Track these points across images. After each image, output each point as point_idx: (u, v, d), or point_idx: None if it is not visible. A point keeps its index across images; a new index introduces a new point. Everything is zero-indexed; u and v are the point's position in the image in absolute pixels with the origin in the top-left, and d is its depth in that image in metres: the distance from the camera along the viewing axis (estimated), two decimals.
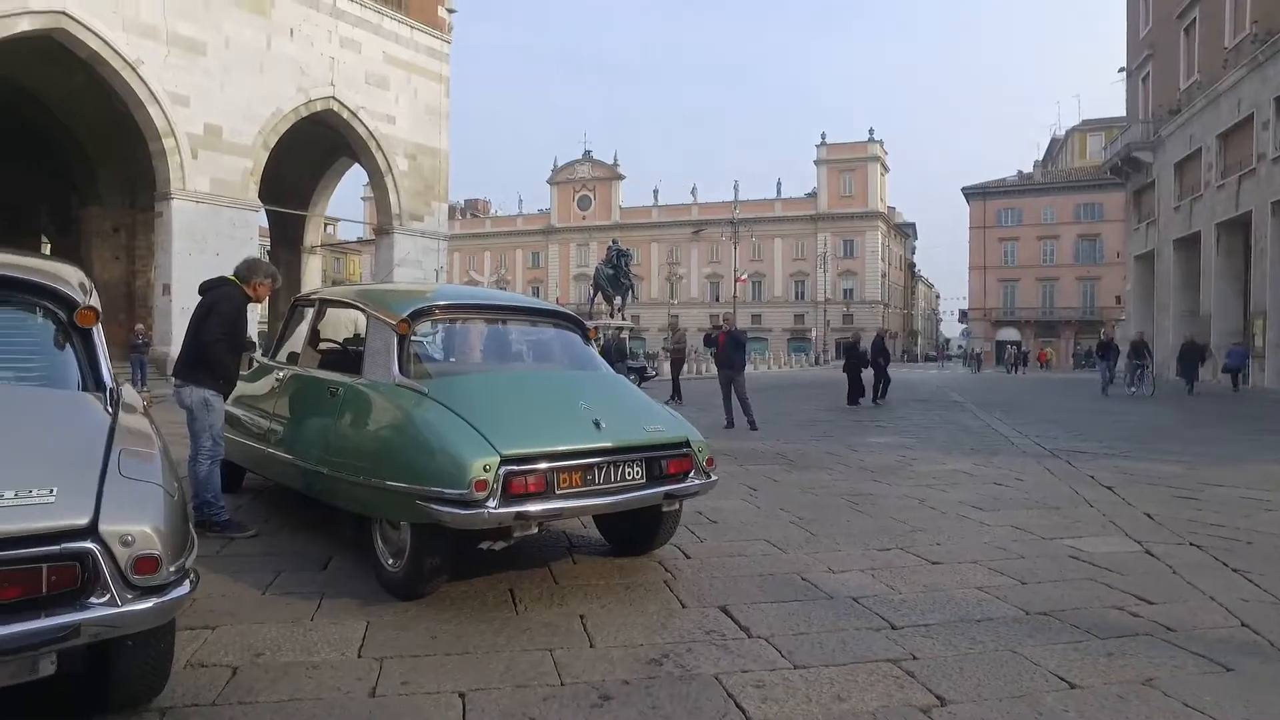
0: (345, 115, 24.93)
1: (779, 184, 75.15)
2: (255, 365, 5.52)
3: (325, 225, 36.54)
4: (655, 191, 77.57)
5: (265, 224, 28.94)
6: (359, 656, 3.08)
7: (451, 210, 33.11)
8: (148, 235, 23.99)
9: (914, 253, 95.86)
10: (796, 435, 11.30)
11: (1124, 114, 36.72)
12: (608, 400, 4.08)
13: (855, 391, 17.07)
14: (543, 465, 3.47)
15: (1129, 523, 5.54)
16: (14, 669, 2.00)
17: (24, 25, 18.13)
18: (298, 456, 4.36)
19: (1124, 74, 34.96)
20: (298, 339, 5.11)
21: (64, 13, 18.63)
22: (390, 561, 3.75)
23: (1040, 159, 76.30)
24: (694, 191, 76.45)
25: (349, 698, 2.73)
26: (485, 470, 3.30)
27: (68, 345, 2.73)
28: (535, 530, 3.60)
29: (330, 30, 24.64)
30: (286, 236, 30.45)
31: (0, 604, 1.95)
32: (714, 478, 4.20)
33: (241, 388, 5.40)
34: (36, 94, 23.80)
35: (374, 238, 28.69)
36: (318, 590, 3.83)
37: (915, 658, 3.12)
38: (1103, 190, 56.98)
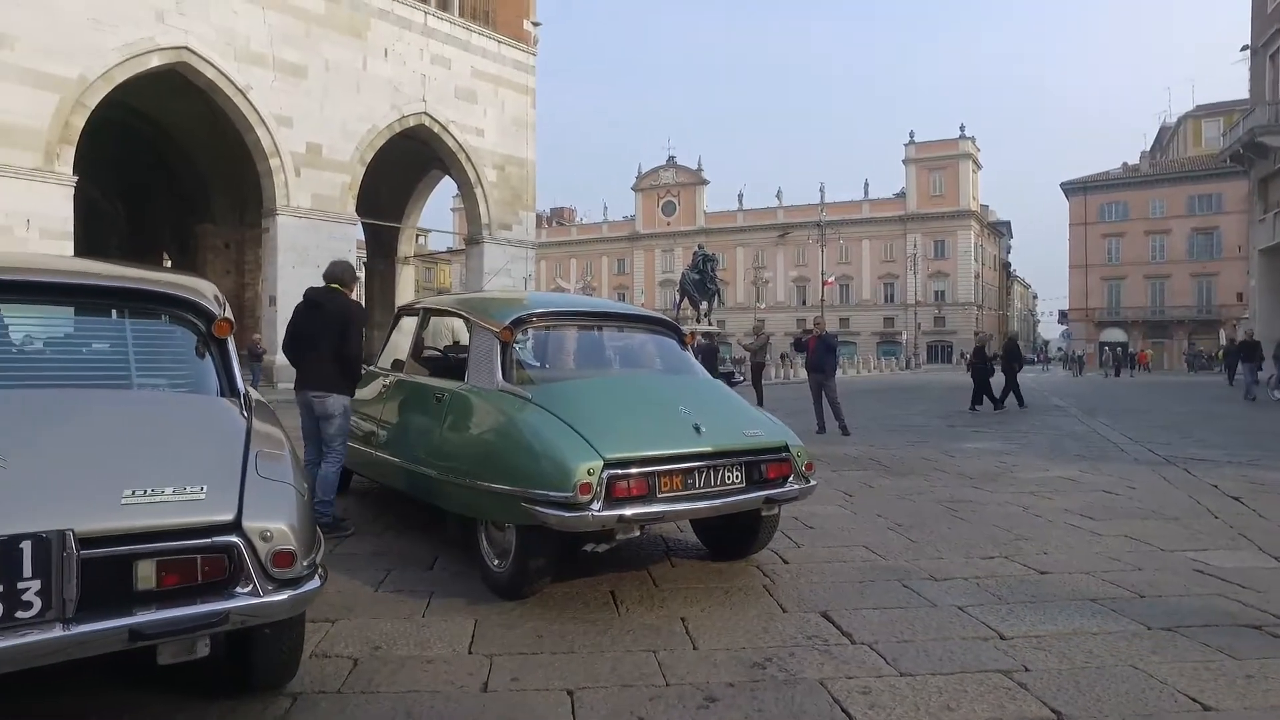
0: (436, 129, 25.78)
1: (866, 185, 73.67)
2: (367, 371, 5.77)
3: (417, 236, 37.82)
4: (740, 195, 77.15)
5: (361, 236, 30.19)
6: (470, 653, 3.19)
7: (538, 219, 33.80)
8: (255, 250, 25.36)
9: (1009, 252, 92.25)
10: (890, 440, 11.05)
11: (1246, 96, 34.38)
12: (707, 404, 4.10)
13: (980, 396, 16.37)
14: (645, 469, 3.52)
15: (1262, 536, 5.21)
16: (175, 649, 2.18)
17: (154, 61, 19.59)
18: (405, 459, 4.54)
19: (1247, 52, 32.71)
20: (402, 346, 5.33)
21: (186, 47, 20.01)
22: (495, 562, 3.87)
23: (1147, 149, 72.33)
24: (779, 195, 75.65)
25: (463, 692, 2.84)
26: (589, 474, 3.37)
27: (207, 354, 2.94)
28: (637, 533, 3.66)
29: (422, 49, 25.54)
30: (381, 248, 31.68)
31: (163, 590, 2.12)
32: (813, 482, 4.18)
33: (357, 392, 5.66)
34: (162, 124, 25.58)
35: (463, 247, 29.52)
36: (427, 589, 3.99)
37: (1027, 669, 3.02)
38: (1221, 180, 53.53)
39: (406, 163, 27.88)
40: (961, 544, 5.01)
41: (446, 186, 31.94)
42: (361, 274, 30.11)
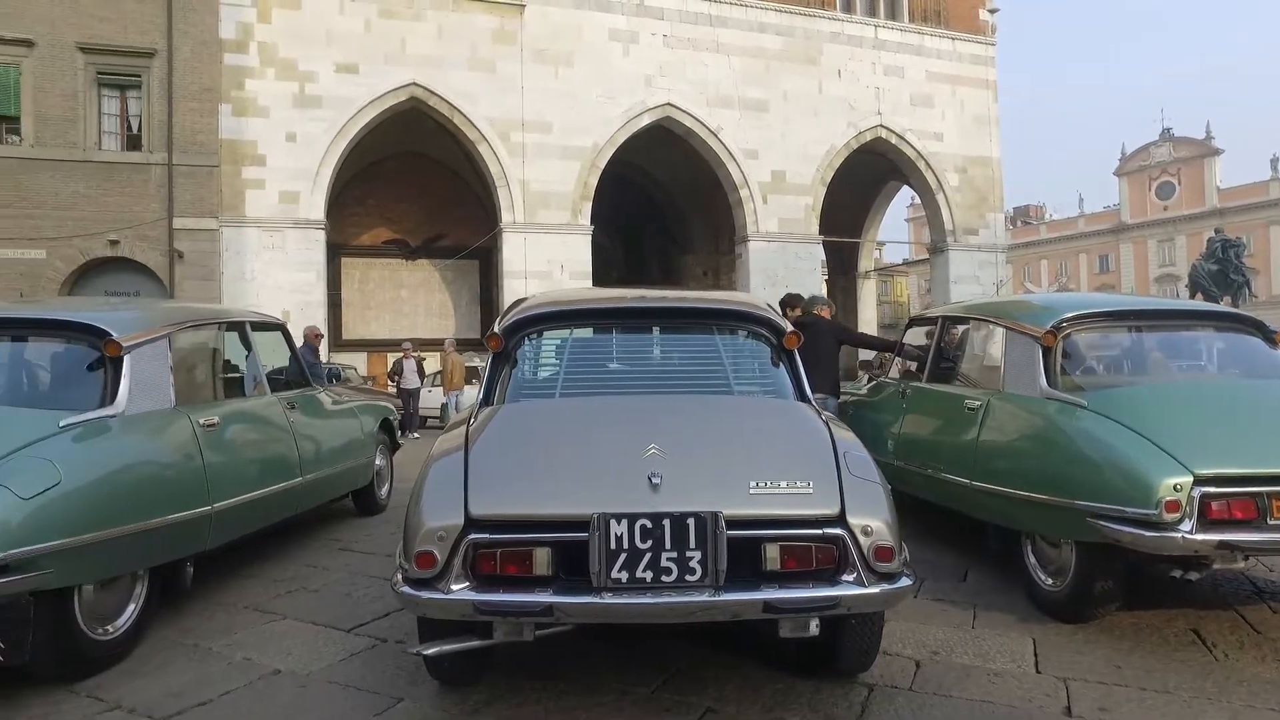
0: (893, 140, 25.55)
1: None
2: (874, 382, 5.94)
3: (875, 249, 37.84)
4: (1274, 161, 61.42)
5: (822, 255, 31.21)
6: (1037, 672, 3.03)
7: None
8: (729, 275, 27.80)
9: None
10: None
11: None
12: None
13: None
14: (1251, 489, 2.99)
15: None
16: (794, 625, 2.45)
17: (645, 120, 22.98)
18: (931, 468, 4.52)
19: None
20: (918, 354, 5.35)
21: (669, 103, 23.05)
22: (1048, 580, 3.63)
23: None
24: None
25: (1043, 712, 2.71)
26: (1176, 490, 2.97)
27: (780, 364, 3.29)
28: (1242, 564, 3.13)
29: (873, 63, 25.63)
30: (842, 264, 32.36)
31: (785, 572, 2.40)
32: None
33: (862, 402, 5.86)
34: (647, 170, 29.68)
35: (922, 257, 28.74)
36: (966, 600, 3.90)
37: None
38: None
39: (863, 177, 28.12)
40: None
41: (901, 197, 31.45)
42: (823, 291, 31.18)
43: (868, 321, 31.65)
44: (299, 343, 6.19)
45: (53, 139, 18.22)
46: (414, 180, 26.33)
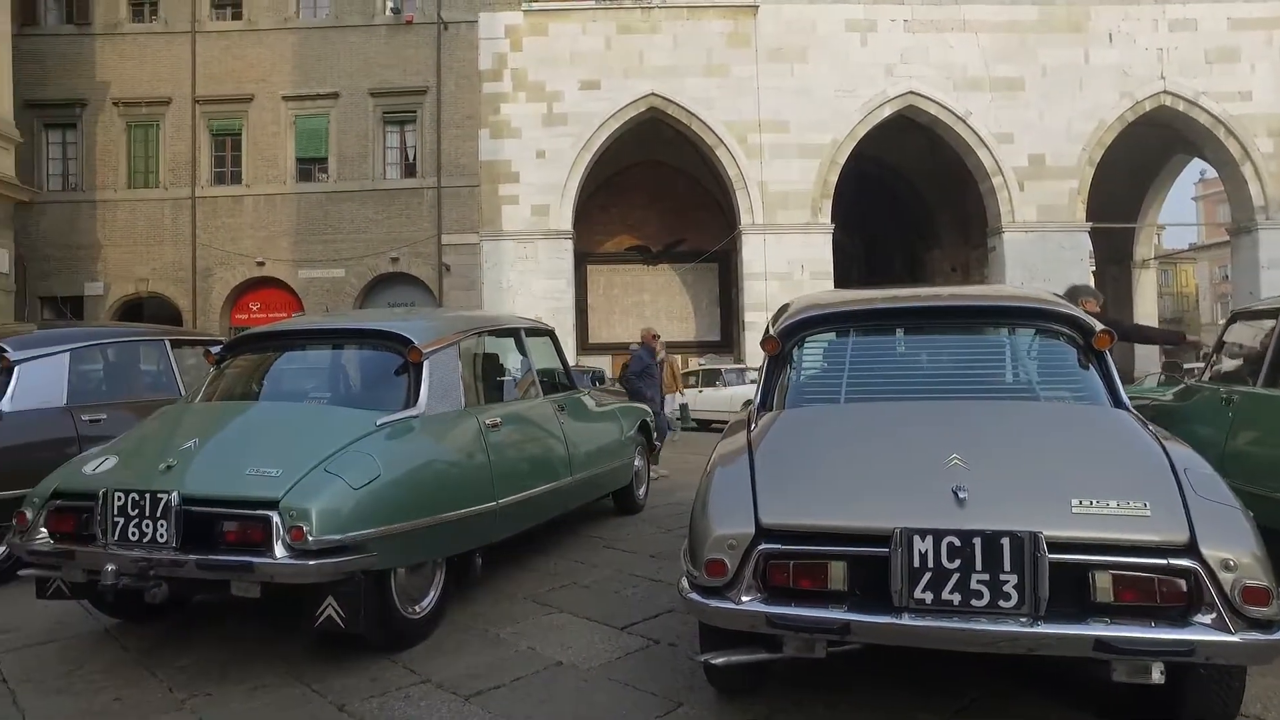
0: (1180, 108, 22.31)
1: None
2: (1183, 386, 5.16)
3: (1154, 234, 33.43)
4: None
5: (1088, 244, 28.06)
6: None
7: None
8: (980, 269, 25.83)
9: None
10: None
11: None
12: None
13: None
14: None
15: None
16: (1130, 668, 2.10)
17: (886, 112, 22.00)
18: (1262, 488, 3.79)
19: None
20: (1242, 354, 4.56)
21: (911, 91, 21.85)
22: None
23: None
24: None
25: None
26: None
27: (1090, 366, 2.91)
28: None
29: (1155, 19, 22.54)
30: (1113, 252, 28.86)
31: (1119, 605, 2.08)
32: None
33: (1168, 409, 5.11)
34: (888, 162, 28.33)
35: (1216, 240, 24.82)
36: None
37: None
38: None
39: (1139, 154, 24.86)
40: None
41: (1188, 172, 27.43)
42: (1091, 282, 28.00)
43: (1147, 316, 27.97)
44: (636, 345, 6.49)
45: (350, 174, 21.05)
46: (653, 187, 27.17)
